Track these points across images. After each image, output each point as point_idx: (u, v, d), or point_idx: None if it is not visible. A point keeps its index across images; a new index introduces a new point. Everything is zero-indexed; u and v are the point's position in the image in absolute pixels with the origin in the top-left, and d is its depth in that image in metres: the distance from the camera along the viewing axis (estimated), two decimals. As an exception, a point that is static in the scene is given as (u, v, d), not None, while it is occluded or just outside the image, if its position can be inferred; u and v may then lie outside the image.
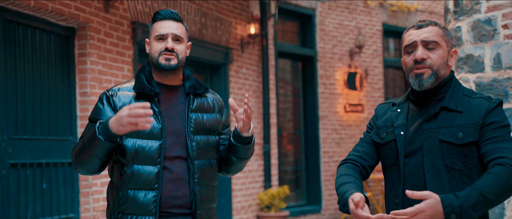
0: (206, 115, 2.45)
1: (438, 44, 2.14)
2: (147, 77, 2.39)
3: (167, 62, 2.36)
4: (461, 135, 2.06)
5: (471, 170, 2.08)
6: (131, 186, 2.29)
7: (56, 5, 5.05)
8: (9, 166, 4.75)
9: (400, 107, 2.24)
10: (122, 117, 2.13)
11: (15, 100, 4.88)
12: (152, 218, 2.28)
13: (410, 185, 2.13)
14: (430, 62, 2.12)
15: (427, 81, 2.12)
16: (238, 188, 7.54)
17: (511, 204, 4.02)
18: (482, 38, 4.14)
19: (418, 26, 2.17)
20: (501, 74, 4.08)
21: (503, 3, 4.04)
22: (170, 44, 2.36)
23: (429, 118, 2.12)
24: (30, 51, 5.06)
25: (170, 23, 2.40)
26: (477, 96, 2.16)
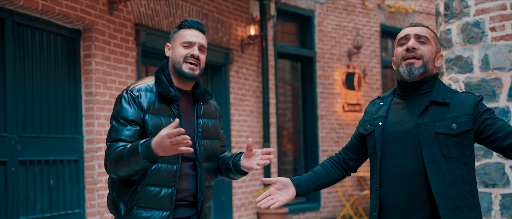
0: (210, 120, 2.61)
1: (429, 40, 2.34)
2: (168, 80, 2.49)
3: (191, 71, 2.48)
4: (456, 126, 2.24)
5: (467, 157, 2.26)
6: (151, 182, 2.40)
7: (63, 8, 5.24)
8: (18, 162, 4.94)
9: (383, 101, 2.43)
10: (165, 143, 2.20)
11: (24, 99, 5.07)
12: (167, 213, 2.42)
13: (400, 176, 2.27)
14: (421, 53, 2.30)
15: (417, 70, 2.29)
16: (238, 186, 7.72)
17: (497, 199, 4.21)
18: (471, 40, 4.32)
19: (413, 25, 2.38)
20: (489, 75, 4.26)
21: (491, 6, 4.23)
22: (196, 51, 2.48)
23: (421, 113, 2.29)
24: (38, 52, 5.25)
25: (197, 32, 2.53)
26: (460, 92, 2.36)
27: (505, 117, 4.17)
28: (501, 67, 4.21)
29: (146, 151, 2.25)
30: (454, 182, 2.21)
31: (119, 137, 2.40)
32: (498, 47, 4.20)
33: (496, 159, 4.20)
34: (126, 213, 2.44)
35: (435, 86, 2.33)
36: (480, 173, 4.25)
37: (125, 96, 2.45)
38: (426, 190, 2.22)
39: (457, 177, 2.21)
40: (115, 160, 2.35)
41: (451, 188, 2.20)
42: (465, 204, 2.21)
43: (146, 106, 2.43)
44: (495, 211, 4.19)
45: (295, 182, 2.42)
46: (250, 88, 8.05)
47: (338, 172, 2.52)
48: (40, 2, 5.01)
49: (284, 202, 2.37)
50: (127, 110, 2.42)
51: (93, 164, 5.57)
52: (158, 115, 2.44)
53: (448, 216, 2.17)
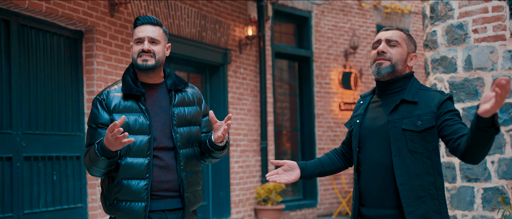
0: (187, 108, 2.73)
1: (399, 44, 2.54)
2: (132, 78, 2.64)
3: (144, 62, 2.61)
4: (420, 123, 2.44)
5: (431, 152, 2.46)
6: (125, 176, 2.56)
7: (66, 10, 5.45)
8: (23, 158, 5.15)
9: (363, 100, 2.65)
10: (109, 139, 2.39)
11: (28, 98, 5.28)
12: (144, 204, 2.57)
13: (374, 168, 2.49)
14: (390, 55, 2.51)
15: (384, 70, 2.50)
16: (236, 182, 7.92)
17: (480, 193, 4.41)
18: (454, 42, 4.52)
19: (386, 29, 2.59)
20: (472, 75, 4.46)
21: (473, 9, 4.43)
22: (146, 46, 2.61)
23: (392, 111, 2.50)
24: (42, 52, 5.47)
25: (147, 27, 2.65)
26: (432, 90, 2.54)
27: (487, 115, 4.37)
28: (483, 67, 4.40)
29: (101, 149, 2.46)
30: (417, 174, 2.41)
31: (93, 141, 2.59)
32: (480, 48, 4.40)
33: (478, 155, 4.40)
34: (110, 206, 2.62)
35: (408, 84, 2.53)
36: (463, 168, 4.45)
37: (94, 102, 2.64)
38: (394, 182, 2.43)
39: (420, 170, 2.42)
40: (86, 162, 2.59)
41: (414, 180, 2.41)
42: (427, 195, 2.41)
43: (112, 107, 2.60)
44: (477, 204, 4.39)
45: (300, 165, 2.66)
46: (248, 87, 8.25)
47: (341, 162, 2.76)
48: (44, 4, 5.22)
49: (288, 181, 2.60)
50: (96, 114, 2.61)
51: (94, 160, 5.78)
52: (127, 113, 2.61)
53: (409, 205, 2.39)
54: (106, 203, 2.65)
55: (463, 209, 4.44)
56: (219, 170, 7.76)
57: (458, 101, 4.49)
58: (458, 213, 4.46)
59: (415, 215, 2.39)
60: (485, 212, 4.35)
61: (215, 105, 7.81)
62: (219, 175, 7.76)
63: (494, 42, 4.35)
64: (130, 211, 2.58)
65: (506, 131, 4.31)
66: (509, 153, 4.28)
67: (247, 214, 8.03)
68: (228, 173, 7.77)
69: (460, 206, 4.45)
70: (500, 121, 4.34)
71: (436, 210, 2.42)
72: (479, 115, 2.07)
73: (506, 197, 4.26)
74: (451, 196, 4.50)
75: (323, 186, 9.51)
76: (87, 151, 2.61)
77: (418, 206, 2.39)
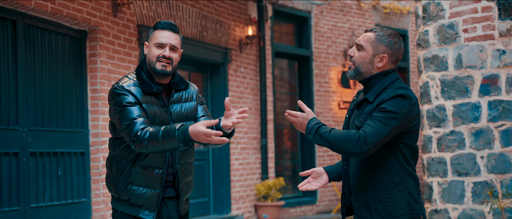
0: (184, 104, 2.89)
1: (363, 48, 2.66)
2: (149, 77, 2.80)
3: (163, 68, 2.76)
4: (362, 119, 2.62)
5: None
6: (145, 164, 2.74)
7: (70, 11, 5.63)
8: (29, 154, 5.33)
9: (356, 96, 2.83)
10: (201, 136, 2.51)
11: (34, 96, 5.46)
12: (158, 191, 2.77)
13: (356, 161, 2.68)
14: (354, 59, 2.69)
15: (349, 73, 2.71)
16: (237, 179, 8.08)
17: (470, 187, 4.57)
18: (445, 41, 4.68)
19: (365, 31, 2.73)
20: (462, 73, 4.62)
21: (464, 10, 4.59)
22: (167, 52, 2.76)
23: (358, 108, 2.70)
24: (47, 52, 5.64)
25: (170, 33, 2.78)
26: (390, 89, 2.61)
27: (477, 111, 4.53)
28: (473, 66, 4.56)
29: (183, 136, 2.55)
30: (361, 167, 2.64)
31: (135, 116, 2.67)
32: (470, 47, 4.56)
33: (468, 150, 4.56)
34: (123, 189, 2.78)
35: (378, 83, 2.65)
36: (454, 163, 4.61)
37: (120, 90, 2.72)
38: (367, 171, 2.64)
39: (363, 164, 2.63)
40: (150, 139, 2.60)
41: (359, 171, 2.65)
42: (369, 186, 2.63)
43: (139, 98, 2.73)
44: (468, 198, 4.55)
45: (327, 170, 2.82)
46: (248, 86, 8.41)
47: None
48: (49, 5, 5.39)
49: (319, 187, 2.77)
50: (126, 97, 2.70)
51: (98, 156, 5.95)
52: (151, 105, 2.76)
53: (355, 193, 2.65)
54: (118, 187, 2.78)
55: (453, 202, 4.60)
56: (219, 167, 7.92)
57: (449, 98, 4.65)
58: (449, 207, 4.61)
59: (358, 202, 2.65)
60: (475, 206, 4.51)
61: (216, 103, 7.98)
62: (220, 172, 7.92)
63: (484, 41, 4.50)
64: (144, 196, 2.75)
65: (495, 127, 4.47)
66: (498, 148, 4.43)
67: (247, 211, 8.19)
68: (229, 170, 7.93)
69: (451, 200, 4.61)
70: (489, 117, 4.49)
71: (377, 199, 2.60)
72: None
73: (494, 190, 4.41)
74: (442, 190, 4.65)
75: (322, 183, 9.65)
76: (143, 128, 2.63)
77: (360, 194, 2.64)
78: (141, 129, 2.64)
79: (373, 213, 2.59)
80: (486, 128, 4.48)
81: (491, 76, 4.49)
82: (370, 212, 2.60)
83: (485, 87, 4.50)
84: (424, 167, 4.88)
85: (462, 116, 4.56)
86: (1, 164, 5.07)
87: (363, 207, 2.61)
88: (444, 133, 4.64)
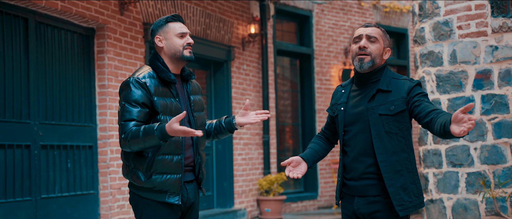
0: (197, 96, 3.13)
1: (377, 40, 2.88)
2: (165, 67, 2.98)
3: (190, 54, 2.98)
4: (393, 108, 2.81)
5: (404, 132, 2.84)
6: (164, 152, 2.91)
7: (79, 9, 5.83)
8: (40, 147, 5.53)
9: (344, 89, 2.99)
10: (177, 132, 2.72)
11: (45, 91, 5.66)
12: (179, 175, 2.95)
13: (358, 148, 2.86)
14: (370, 51, 2.86)
15: (366, 65, 2.85)
16: (239, 174, 8.27)
17: (464, 177, 4.75)
18: (441, 37, 4.87)
19: (365, 25, 2.92)
20: (456, 68, 4.81)
21: (458, 7, 4.77)
22: (191, 40, 3.01)
23: (370, 99, 2.86)
24: (57, 48, 5.84)
25: (182, 24, 3.02)
26: (402, 78, 2.90)
27: (470, 105, 4.72)
28: (467, 61, 4.75)
29: (161, 133, 2.76)
30: (394, 152, 2.79)
31: (132, 117, 2.84)
32: (464, 43, 4.75)
33: (462, 142, 4.75)
34: (146, 180, 2.90)
35: (382, 75, 2.88)
36: (448, 155, 4.80)
37: (134, 83, 2.86)
38: (374, 159, 2.81)
39: (397, 148, 2.80)
40: (131, 138, 2.81)
41: (392, 157, 2.79)
42: (404, 169, 2.80)
43: (153, 91, 2.87)
44: (462, 187, 4.74)
45: (304, 158, 2.99)
46: (251, 83, 8.59)
47: (328, 145, 3.13)
48: (59, 3, 5.59)
49: (303, 173, 2.95)
50: (137, 94, 2.85)
51: (105, 150, 6.15)
52: (163, 97, 2.94)
53: (390, 178, 2.78)
54: (140, 177, 2.93)
55: (448, 192, 4.78)
56: (223, 162, 8.11)
57: (444, 92, 4.83)
58: (444, 196, 4.80)
59: (395, 186, 2.77)
60: (469, 195, 4.69)
61: (219, 99, 8.17)
62: (223, 167, 8.11)
63: (477, 38, 4.69)
64: (168, 182, 2.93)
65: (488, 120, 4.65)
66: (491, 140, 4.62)
67: (250, 205, 8.38)
68: (232, 165, 8.11)
69: (446, 190, 4.80)
70: (483, 111, 4.68)
71: (412, 181, 2.80)
72: (450, 130, 2.47)
73: (487, 180, 4.60)
74: (437, 180, 4.84)
75: (323, 179, 9.85)
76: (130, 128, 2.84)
77: (397, 178, 2.78)
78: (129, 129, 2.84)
79: (411, 194, 2.78)
80: (479, 121, 4.66)
81: (484, 71, 4.68)
82: (408, 194, 2.77)
83: (478, 81, 4.68)
84: (420, 158, 5.07)
85: (456, 109, 4.75)
86: (14, 156, 5.28)
87: (401, 190, 2.76)
88: (439, 126, 4.83)
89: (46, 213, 5.54)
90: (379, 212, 2.80)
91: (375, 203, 2.81)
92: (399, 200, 2.76)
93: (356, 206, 2.87)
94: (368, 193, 2.83)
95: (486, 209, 4.62)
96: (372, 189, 2.82)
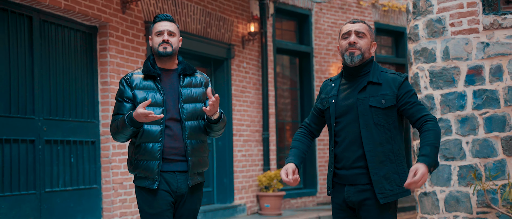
0: (194, 89, 3.32)
1: (365, 35, 3.03)
2: (151, 63, 3.29)
3: (164, 50, 3.25)
4: (384, 102, 2.95)
5: (391, 125, 2.98)
6: (144, 140, 3.19)
7: (82, 7, 5.97)
8: (44, 142, 5.68)
9: (334, 82, 3.12)
10: (141, 117, 3.05)
11: (49, 87, 5.81)
12: (158, 162, 3.18)
13: (348, 138, 3.00)
14: (359, 45, 3.00)
15: (356, 58, 2.99)
16: (239, 170, 8.41)
17: (456, 170, 4.89)
18: (434, 34, 5.01)
19: (353, 22, 3.06)
20: (449, 64, 4.95)
21: (450, 5, 4.91)
22: (165, 37, 3.25)
23: (360, 90, 2.99)
24: (60, 46, 5.99)
25: (166, 23, 3.28)
26: (390, 73, 3.04)
27: (462, 100, 4.85)
28: (459, 57, 4.89)
29: (131, 120, 3.11)
30: (380, 143, 2.94)
31: (119, 112, 3.24)
32: (457, 40, 4.88)
33: (454, 136, 4.88)
34: (132, 165, 3.27)
35: (371, 68, 3.02)
36: (441, 148, 4.93)
37: (121, 81, 3.29)
38: (362, 149, 2.95)
39: (383, 139, 2.95)
40: (113, 129, 3.24)
41: (378, 147, 2.94)
42: (387, 159, 2.95)
43: (134, 84, 3.24)
44: (454, 180, 4.87)
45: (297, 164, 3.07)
46: (251, 80, 8.73)
47: (310, 140, 3.25)
48: (62, 2, 5.74)
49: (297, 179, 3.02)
50: (122, 91, 3.26)
51: (108, 145, 6.29)
52: (144, 90, 3.23)
53: (374, 167, 2.93)
54: (132, 162, 3.26)
55: (441, 185, 4.92)
56: (223, 158, 8.26)
57: (437, 88, 4.97)
58: (437, 189, 4.94)
59: (378, 175, 2.93)
60: (461, 188, 4.83)
61: (219, 97, 8.29)
62: (223, 163, 8.25)
63: (469, 35, 4.82)
64: (147, 168, 3.20)
65: (479, 114, 4.79)
66: (482, 134, 4.75)
67: (250, 200, 8.51)
68: (232, 161, 8.26)
69: (439, 183, 4.93)
70: (474, 105, 4.82)
71: (394, 171, 2.94)
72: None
73: (478, 173, 4.73)
74: (431, 173, 4.98)
75: (322, 175, 9.98)
76: (114, 120, 3.26)
77: (380, 168, 2.94)
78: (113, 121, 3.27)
79: (393, 183, 2.94)
80: (471, 116, 4.80)
81: (476, 67, 4.81)
82: (390, 183, 2.93)
83: (470, 77, 4.82)
84: (414, 153, 5.21)
85: (449, 104, 4.89)
86: (19, 150, 5.42)
87: (384, 179, 2.93)
88: (433, 120, 4.96)
89: (50, 206, 5.69)
90: (368, 199, 2.94)
91: (365, 191, 2.95)
92: (381, 189, 2.92)
93: (347, 195, 3.00)
94: (358, 181, 2.97)
95: (477, 201, 4.76)
96: (362, 178, 2.96)
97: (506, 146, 4.68)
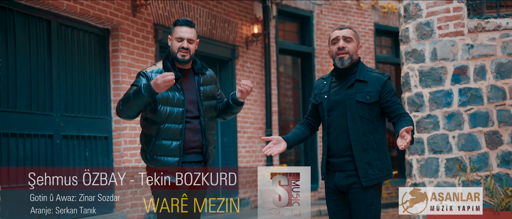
0: (208, 86, 3.60)
1: (352, 39, 3.41)
2: (171, 64, 3.50)
3: (182, 57, 3.47)
4: (369, 98, 3.34)
5: (373, 118, 3.38)
6: (164, 137, 3.43)
7: (96, 12, 6.37)
8: (62, 137, 6.09)
9: (326, 80, 3.51)
10: (159, 83, 3.25)
11: (66, 86, 6.22)
12: (177, 159, 3.44)
13: (338, 129, 3.39)
14: (348, 49, 3.39)
15: (346, 61, 3.39)
16: (243, 166, 8.75)
17: (443, 162, 5.27)
18: (423, 37, 5.39)
19: (340, 28, 3.45)
20: (437, 64, 5.32)
21: (438, 10, 5.29)
22: (185, 44, 3.47)
23: (348, 87, 3.39)
24: (76, 47, 6.40)
25: (187, 29, 3.48)
26: (375, 72, 3.43)
27: (449, 97, 5.23)
28: (446, 58, 5.26)
29: (148, 89, 3.27)
30: (364, 134, 3.34)
31: (136, 84, 3.38)
32: (444, 42, 5.26)
33: (442, 131, 5.26)
34: (150, 159, 3.48)
35: (358, 68, 3.41)
36: (430, 142, 5.31)
37: (142, 73, 3.47)
38: (349, 139, 3.34)
39: (367, 130, 3.34)
40: (123, 103, 3.32)
41: (362, 137, 3.34)
42: (370, 148, 3.34)
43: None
44: (441, 172, 5.25)
45: (285, 138, 3.50)
46: (254, 80, 9.08)
47: (309, 131, 3.65)
48: (78, 6, 6.14)
49: (279, 151, 3.44)
50: (142, 81, 3.42)
51: (120, 140, 6.70)
52: (166, 90, 3.42)
53: (359, 155, 3.33)
54: (147, 157, 3.49)
55: (430, 176, 5.30)
56: (227, 154, 8.61)
57: (426, 86, 5.34)
58: (426, 180, 5.32)
59: (362, 162, 3.33)
60: (448, 179, 5.21)
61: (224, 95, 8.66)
62: (228, 158, 8.60)
63: (455, 37, 5.20)
64: (166, 163, 3.45)
65: (464, 111, 5.17)
66: (467, 129, 5.13)
67: (253, 195, 8.86)
68: (236, 157, 8.60)
69: (428, 174, 5.31)
70: (460, 103, 5.19)
71: (377, 158, 3.34)
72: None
73: (463, 165, 5.11)
74: (420, 166, 5.36)
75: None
76: (125, 94, 3.39)
77: (364, 155, 3.34)
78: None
79: (375, 169, 3.32)
80: (457, 112, 5.18)
81: (462, 67, 5.19)
82: (372, 168, 3.31)
83: (456, 76, 5.20)
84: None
85: (436, 101, 5.27)
86: (39, 144, 5.84)
87: (367, 165, 3.31)
88: (422, 116, 5.34)
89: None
90: (355, 183, 3.34)
91: (352, 176, 3.35)
92: (364, 174, 3.31)
93: (337, 180, 3.40)
94: (346, 168, 3.36)
95: (462, 190, 5.13)
96: (349, 165, 3.35)
97: (489, 140, 5.05)
